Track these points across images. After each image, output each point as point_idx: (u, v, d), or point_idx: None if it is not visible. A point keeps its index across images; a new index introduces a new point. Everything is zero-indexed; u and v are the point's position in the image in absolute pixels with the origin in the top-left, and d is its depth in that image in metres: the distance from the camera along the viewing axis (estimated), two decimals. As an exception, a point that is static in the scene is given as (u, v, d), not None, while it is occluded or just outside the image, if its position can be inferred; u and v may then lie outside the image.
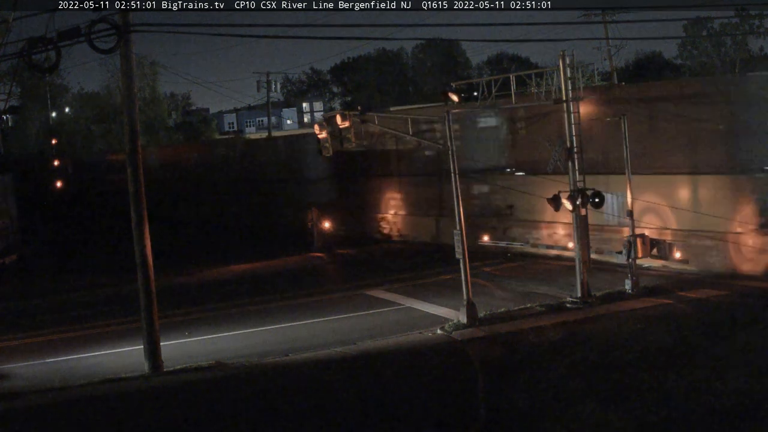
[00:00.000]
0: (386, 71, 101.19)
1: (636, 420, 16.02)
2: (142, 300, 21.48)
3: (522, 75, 28.89)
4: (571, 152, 25.99)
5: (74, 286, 35.65)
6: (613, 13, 54.69)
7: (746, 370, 18.32)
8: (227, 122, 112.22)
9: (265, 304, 29.32)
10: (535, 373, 19.22)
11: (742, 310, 23.65)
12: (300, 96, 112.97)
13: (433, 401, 17.94)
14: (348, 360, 21.39)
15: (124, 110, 21.64)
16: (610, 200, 28.87)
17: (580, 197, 25.50)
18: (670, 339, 21.29)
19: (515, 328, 23.40)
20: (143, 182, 21.39)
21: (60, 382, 20.57)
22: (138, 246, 21.42)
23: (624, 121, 27.08)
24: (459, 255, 24.54)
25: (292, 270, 37.14)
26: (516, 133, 36.61)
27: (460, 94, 25.87)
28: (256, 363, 21.48)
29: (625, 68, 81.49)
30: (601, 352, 20.59)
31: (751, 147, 28.51)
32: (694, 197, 29.66)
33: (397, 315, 26.47)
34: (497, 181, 36.68)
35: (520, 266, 33.31)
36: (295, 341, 23.67)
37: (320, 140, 27.61)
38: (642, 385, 17.83)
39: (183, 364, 21.53)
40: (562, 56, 26.18)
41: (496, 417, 16.79)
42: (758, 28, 68.31)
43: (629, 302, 25.44)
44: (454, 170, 24.78)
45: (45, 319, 29.22)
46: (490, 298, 27.21)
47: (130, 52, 21.10)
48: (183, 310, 28.92)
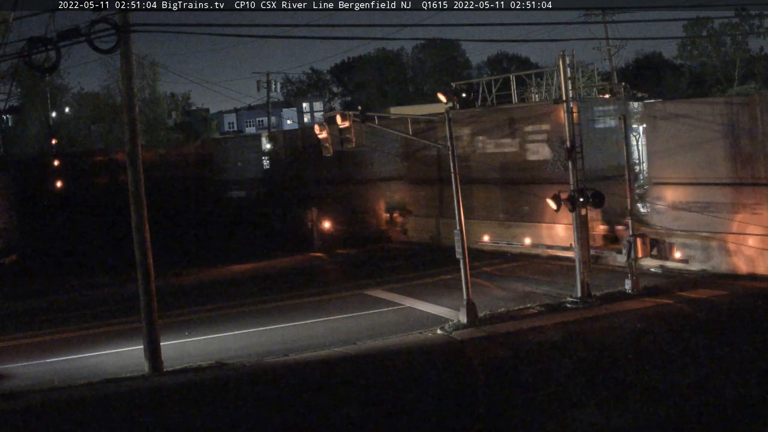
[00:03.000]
0: (386, 71, 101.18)
1: (636, 420, 16.01)
2: (142, 300, 21.47)
3: (522, 75, 28.97)
4: (572, 152, 26.00)
5: (74, 286, 35.66)
6: (613, 13, 54.69)
7: (746, 370, 18.33)
8: (227, 122, 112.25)
9: (265, 304, 29.32)
10: (535, 373, 19.21)
11: (742, 309, 23.67)
12: (300, 96, 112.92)
13: (433, 401, 17.93)
14: (348, 360, 21.39)
15: (124, 110, 21.63)
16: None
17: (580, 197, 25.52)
18: (670, 339, 21.30)
19: (515, 328, 23.41)
20: (143, 182, 21.41)
21: (60, 382, 20.56)
22: (138, 246, 21.42)
23: (624, 120, 27.12)
24: (459, 255, 24.55)
25: (292, 270, 37.15)
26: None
27: (460, 94, 25.87)
28: (256, 363, 21.48)
29: (625, 68, 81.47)
30: (601, 352, 20.60)
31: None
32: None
33: (397, 315, 26.48)
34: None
35: (520, 266, 33.32)
36: (296, 341, 23.68)
37: (320, 140, 27.62)
38: (642, 385, 17.83)
39: (183, 364, 21.54)
40: (562, 56, 26.19)
41: (496, 417, 16.78)
42: (758, 28, 68.35)
43: (629, 302, 25.45)
44: (455, 170, 24.81)
45: (45, 319, 29.21)
46: (490, 298, 27.22)
47: (130, 52, 21.10)
48: (183, 310, 28.93)
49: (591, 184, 26.82)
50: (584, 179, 25.98)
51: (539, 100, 38.05)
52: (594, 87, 43.20)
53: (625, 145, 27.12)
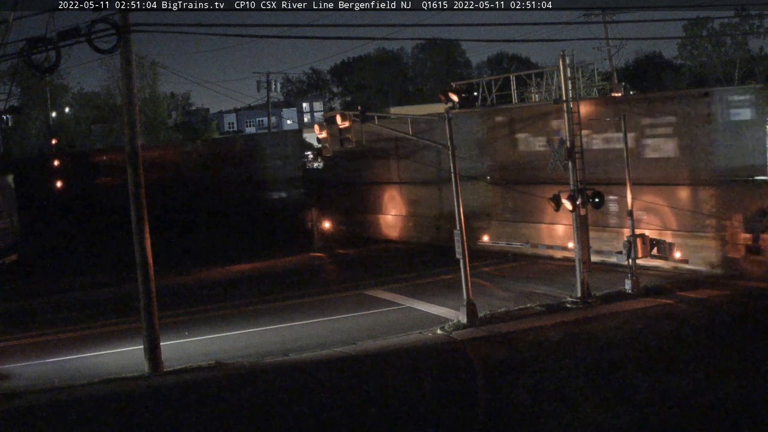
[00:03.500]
0: (386, 71, 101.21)
1: (636, 420, 16.01)
2: (142, 300, 21.47)
3: (522, 75, 28.94)
4: (572, 152, 26.00)
5: (74, 286, 35.65)
6: (613, 13, 54.79)
7: (747, 371, 18.32)
8: (227, 122, 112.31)
9: (265, 304, 29.31)
10: (536, 373, 19.21)
11: (742, 310, 23.66)
12: (300, 96, 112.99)
13: (433, 401, 17.93)
14: (348, 360, 21.39)
15: (124, 110, 21.63)
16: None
17: (580, 197, 25.52)
18: (670, 339, 21.29)
19: (515, 328, 23.40)
20: (143, 182, 21.40)
21: (60, 382, 20.56)
22: (138, 246, 21.42)
23: (624, 120, 27.11)
24: (459, 255, 24.55)
25: (292, 270, 37.12)
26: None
27: (461, 94, 25.86)
28: (256, 363, 21.48)
29: (625, 68, 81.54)
30: (601, 352, 20.59)
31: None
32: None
33: (397, 315, 26.47)
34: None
35: (520, 266, 33.31)
36: (296, 341, 23.67)
37: (320, 140, 27.63)
38: (642, 385, 17.83)
39: (183, 364, 21.53)
40: (562, 56, 26.19)
41: (496, 417, 16.78)
42: (758, 28, 68.39)
43: (629, 302, 25.44)
44: (455, 170, 24.79)
45: (45, 319, 29.20)
46: (490, 298, 27.20)
47: (130, 52, 21.09)
48: (183, 310, 28.91)
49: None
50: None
51: (539, 100, 38.02)
52: (594, 87, 43.28)
53: (626, 146, 27.06)
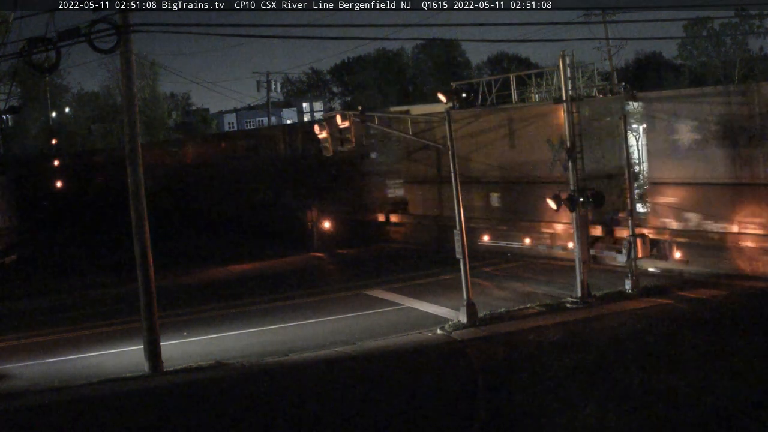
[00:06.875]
0: (386, 71, 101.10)
1: (636, 420, 16.00)
2: (142, 300, 21.47)
3: (522, 75, 28.91)
4: (572, 152, 26.00)
5: (74, 286, 35.65)
6: (613, 13, 54.75)
7: (747, 371, 18.31)
8: (227, 122, 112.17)
9: (265, 304, 29.33)
10: (535, 373, 19.20)
11: (742, 309, 23.66)
12: (300, 96, 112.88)
13: (433, 401, 17.93)
14: (348, 360, 21.40)
15: (124, 110, 21.65)
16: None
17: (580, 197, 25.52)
18: (670, 339, 21.28)
19: (515, 328, 23.40)
20: (143, 182, 21.40)
21: (60, 382, 20.58)
22: (138, 245, 21.42)
23: (624, 120, 27.12)
24: (459, 255, 24.55)
25: (292, 270, 37.14)
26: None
27: (461, 94, 25.86)
28: (256, 363, 21.48)
29: (625, 68, 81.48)
30: (601, 352, 20.57)
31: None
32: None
33: (397, 315, 26.48)
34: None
35: (520, 266, 33.31)
36: (296, 341, 23.68)
37: (320, 140, 27.62)
38: (642, 385, 17.82)
39: (183, 364, 21.54)
40: (562, 56, 26.20)
41: (496, 417, 16.77)
42: (758, 28, 68.33)
43: (629, 302, 25.44)
44: (455, 170, 24.79)
45: (45, 319, 29.23)
46: (490, 298, 27.21)
47: (130, 52, 21.10)
48: (183, 310, 28.93)
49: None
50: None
51: (539, 100, 38.00)
52: (594, 87, 43.15)
53: (626, 146, 27.07)
